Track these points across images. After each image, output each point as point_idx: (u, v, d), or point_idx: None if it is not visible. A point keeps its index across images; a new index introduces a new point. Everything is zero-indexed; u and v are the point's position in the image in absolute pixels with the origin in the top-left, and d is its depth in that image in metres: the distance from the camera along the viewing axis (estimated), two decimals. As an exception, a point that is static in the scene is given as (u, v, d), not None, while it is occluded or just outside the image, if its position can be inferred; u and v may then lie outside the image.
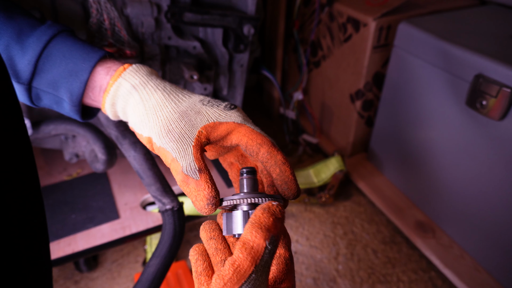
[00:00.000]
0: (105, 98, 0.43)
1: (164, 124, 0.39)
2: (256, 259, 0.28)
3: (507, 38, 0.89)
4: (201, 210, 0.35)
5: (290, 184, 0.38)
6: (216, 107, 0.41)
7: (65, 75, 0.43)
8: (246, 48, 0.87)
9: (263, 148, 0.38)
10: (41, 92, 0.45)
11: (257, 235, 0.29)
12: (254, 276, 0.28)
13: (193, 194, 0.36)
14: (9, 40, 0.43)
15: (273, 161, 0.38)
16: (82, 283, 0.95)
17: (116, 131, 0.66)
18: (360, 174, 1.23)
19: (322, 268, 1.01)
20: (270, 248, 0.29)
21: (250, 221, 0.30)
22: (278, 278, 0.34)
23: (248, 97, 1.30)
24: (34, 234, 0.34)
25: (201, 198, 0.35)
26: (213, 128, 0.39)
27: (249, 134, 0.39)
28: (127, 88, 0.42)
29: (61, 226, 0.87)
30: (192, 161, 0.36)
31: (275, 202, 0.32)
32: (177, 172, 0.37)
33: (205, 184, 0.35)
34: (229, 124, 0.39)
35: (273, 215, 0.30)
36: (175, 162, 0.37)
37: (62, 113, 0.47)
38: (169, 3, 0.75)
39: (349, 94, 1.18)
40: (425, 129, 1.00)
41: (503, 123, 0.79)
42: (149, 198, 0.99)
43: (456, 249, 0.98)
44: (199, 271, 0.35)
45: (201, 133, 0.38)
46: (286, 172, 0.38)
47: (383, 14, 1.01)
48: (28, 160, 0.34)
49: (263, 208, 0.31)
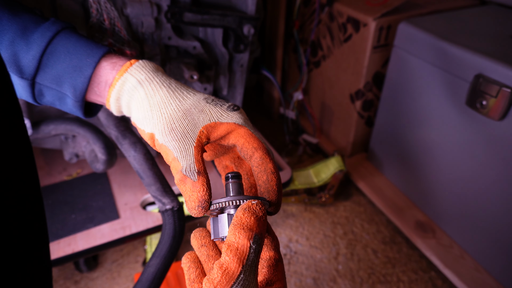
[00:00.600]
0: (111, 92, 0.43)
1: (168, 121, 0.39)
2: (243, 259, 0.29)
3: (507, 38, 0.89)
4: (191, 211, 0.36)
5: (272, 194, 0.38)
6: (219, 107, 0.41)
7: (69, 70, 0.43)
8: (246, 48, 0.87)
9: (257, 152, 0.39)
10: (44, 88, 0.45)
11: (240, 236, 0.30)
12: (242, 276, 0.29)
13: (187, 194, 0.36)
14: (14, 36, 0.44)
15: (263, 168, 0.38)
16: (82, 283, 0.95)
17: (116, 131, 0.66)
18: (360, 174, 1.23)
19: (322, 268, 1.01)
20: (255, 246, 0.30)
21: (233, 222, 0.31)
22: (269, 280, 0.34)
23: (248, 97, 1.30)
24: (34, 234, 0.34)
25: (193, 199, 0.35)
26: (213, 128, 0.39)
27: (247, 137, 0.40)
28: (133, 83, 0.42)
29: (61, 226, 0.87)
30: (193, 163, 0.37)
31: (255, 200, 0.32)
32: (177, 171, 0.37)
33: (201, 186, 0.36)
34: (229, 124, 0.40)
35: (254, 214, 0.31)
36: (176, 162, 0.37)
37: (64, 110, 0.47)
38: (169, 3, 0.75)
39: (349, 94, 1.18)
40: (425, 129, 1.00)
41: (503, 123, 0.79)
42: (149, 198, 0.99)
43: (456, 249, 0.98)
44: (192, 279, 0.35)
45: (202, 132, 0.39)
46: (271, 182, 0.38)
47: (383, 14, 1.01)
48: (28, 160, 0.34)
49: (243, 209, 0.31)
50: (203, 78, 0.86)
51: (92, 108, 0.50)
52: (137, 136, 0.65)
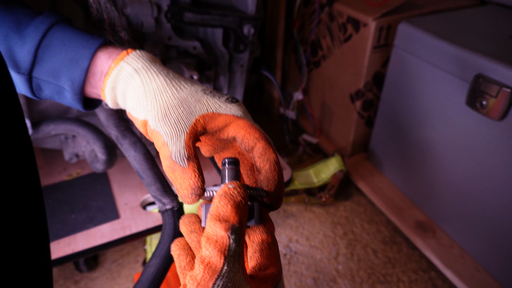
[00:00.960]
0: (106, 81, 0.42)
1: (162, 108, 0.38)
2: (224, 251, 0.28)
3: (507, 38, 0.89)
4: (185, 199, 0.35)
5: (271, 184, 0.36)
6: (217, 98, 0.40)
7: (66, 63, 0.43)
8: (246, 48, 0.87)
9: (259, 143, 0.38)
10: (42, 82, 0.44)
11: (216, 228, 0.28)
12: (226, 268, 0.27)
13: (178, 182, 0.35)
14: (8, 30, 0.43)
15: (265, 157, 0.37)
16: (82, 283, 0.95)
17: (116, 131, 0.66)
18: (360, 174, 1.23)
19: (322, 268, 1.01)
20: (234, 236, 0.28)
21: (209, 213, 0.29)
22: (262, 265, 0.33)
23: (248, 97, 1.30)
24: (35, 234, 0.34)
25: (185, 186, 0.34)
26: (211, 118, 0.38)
27: (247, 128, 0.38)
28: (129, 71, 0.41)
29: (61, 226, 0.87)
30: (183, 148, 0.36)
31: (232, 184, 0.30)
32: (165, 157, 0.36)
33: (192, 172, 0.34)
34: (228, 116, 0.39)
35: (231, 201, 0.29)
36: (165, 147, 0.36)
37: (64, 104, 0.46)
38: (169, 3, 0.75)
39: (349, 94, 1.18)
40: (425, 129, 1.00)
41: (503, 123, 0.79)
42: (149, 198, 0.99)
43: (456, 249, 0.98)
44: (182, 266, 0.34)
45: (198, 121, 0.38)
46: (273, 172, 0.37)
47: (383, 14, 1.01)
48: (28, 160, 0.34)
49: (219, 196, 0.30)
50: (203, 78, 0.86)
51: (92, 100, 0.49)
52: (137, 136, 0.65)
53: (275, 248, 0.34)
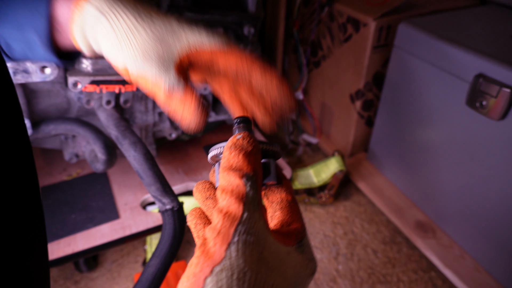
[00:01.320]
0: (73, 27, 0.39)
1: (139, 48, 0.36)
2: (241, 198, 0.26)
3: (507, 38, 0.89)
4: (190, 125, 0.33)
5: (287, 98, 0.36)
6: (196, 32, 0.38)
7: (26, 13, 0.39)
8: (246, 48, 0.87)
9: (256, 64, 0.36)
10: (9, 40, 0.41)
11: (230, 178, 0.27)
12: (247, 214, 0.26)
13: (178, 112, 0.33)
14: None
15: (268, 76, 0.36)
16: (82, 283, 0.95)
17: (116, 131, 0.66)
18: (360, 174, 1.23)
19: (322, 268, 1.01)
20: (250, 183, 0.27)
21: (221, 166, 0.28)
22: (285, 222, 0.32)
23: (248, 97, 1.29)
24: (32, 234, 0.34)
25: (187, 113, 0.33)
26: (195, 56, 0.36)
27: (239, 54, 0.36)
28: (93, 14, 0.38)
29: (61, 226, 0.87)
30: (175, 78, 0.34)
31: (240, 134, 0.29)
32: (160, 91, 0.34)
33: (191, 95, 0.33)
34: (213, 52, 0.37)
35: (242, 150, 0.28)
36: (156, 84, 0.34)
37: (39, 60, 0.43)
38: (169, 3, 0.75)
39: (349, 94, 1.18)
40: (425, 129, 1.00)
41: (503, 123, 0.79)
42: (149, 198, 0.99)
43: (457, 249, 0.98)
44: (200, 236, 0.32)
45: (183, 57, 0.36)
46: (284, 86, 0.36)
47: (383, 14, 1.01)
48: (27, 160, 0.34)
49: (228, 148, 0.28)
50: (203, 78, 0.86)
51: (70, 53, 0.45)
52: (137, 136, 0.65)
53: (296, 206, 0.33)
